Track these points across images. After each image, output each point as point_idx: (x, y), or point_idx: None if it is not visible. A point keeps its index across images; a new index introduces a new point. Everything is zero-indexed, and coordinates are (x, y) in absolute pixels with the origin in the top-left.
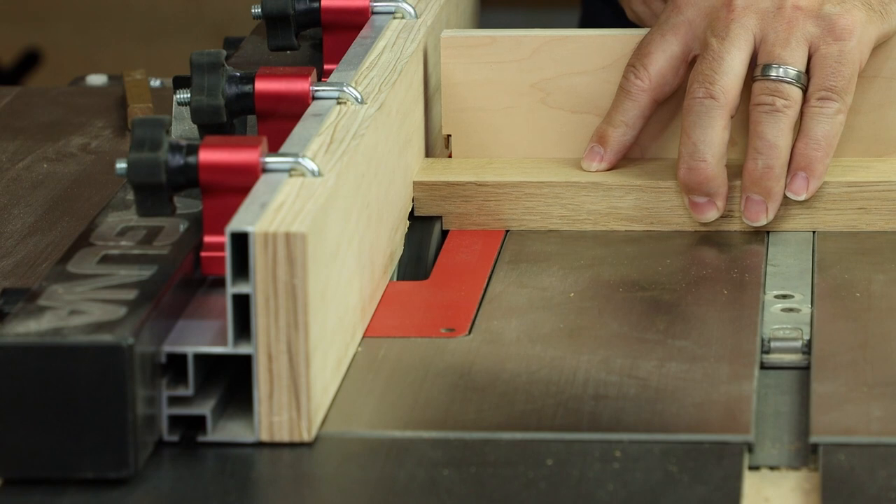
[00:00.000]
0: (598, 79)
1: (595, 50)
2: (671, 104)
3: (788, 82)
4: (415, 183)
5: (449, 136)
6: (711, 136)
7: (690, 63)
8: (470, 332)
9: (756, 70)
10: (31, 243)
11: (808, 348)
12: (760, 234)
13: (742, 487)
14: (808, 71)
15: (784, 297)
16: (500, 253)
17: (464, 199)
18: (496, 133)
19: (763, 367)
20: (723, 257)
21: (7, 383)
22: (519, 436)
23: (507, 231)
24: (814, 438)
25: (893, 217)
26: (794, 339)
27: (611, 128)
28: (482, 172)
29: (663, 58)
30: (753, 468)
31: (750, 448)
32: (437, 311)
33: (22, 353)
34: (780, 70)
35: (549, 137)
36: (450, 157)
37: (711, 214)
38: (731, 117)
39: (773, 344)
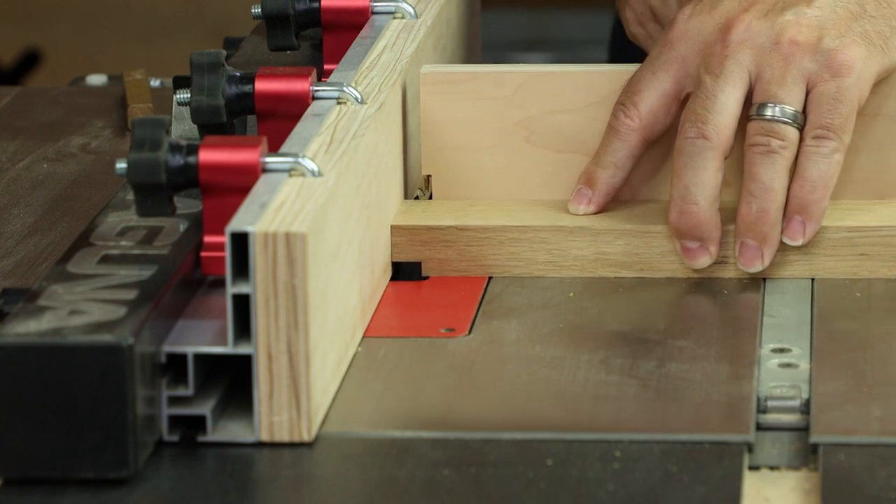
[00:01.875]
0: (585, 116)
1: (582, 86)
2: (663, 144)
3: (784, 122)
4: (392, 227)
5: (429, 176)
6: (704, 179)
7: (683, 101)
8: (470, 332)
9: (751, 109)
10: (31, 243)
11: (806, 408)
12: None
13: (742, 487)
14: (805, 109)
15: (781, 350)
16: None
17: (444, 244)
18: (478, 173)
19: (760, 428)
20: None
21: (7, 383)
22: (519, 436)
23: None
24: (814, 438)
25: None
26: (793, 399)
27: (599, 169)
28: (464, 216)
29: (654, 96)
30: (753, 468)
31: (750, 448)
32: (437, 311)
33: (22, 353)
34: (776, 109)
35: (533, 178)
36: (430, 198)
37: (704, 261)
38: (725, 158)
39: (769, 403)
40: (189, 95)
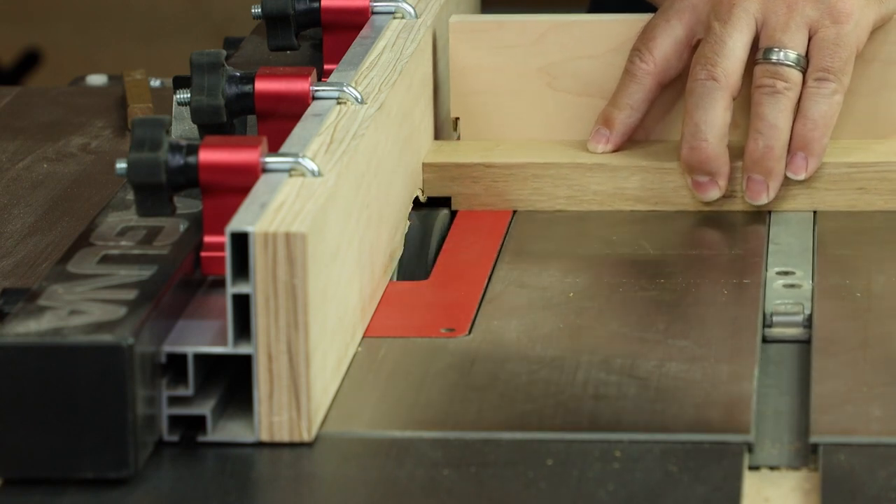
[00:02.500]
0: (604, 63)
1: (601, 34)
2: (675, 88)
3: (788, 65)
4: (424, 164)
5: (457, 118)
6: (713, 117)
7: (694, 47)
8: (470, 332)
9: (758, 53)
10: (31, 243)
11: (808, 322)
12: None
13: (742, 487)
14: (807, 54)
15: (786, 273)
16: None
17: (472, 180)
18: (503, 116)
19: (765, 340)
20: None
21: (7, 383)
22: (519, 436)
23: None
24: (814, 438)
25: (892, 196)
26: (796, 314)
27: (616, 110)
28: (490, 154)
29: (668, 42)
30: (753, 468)
31: (750, 448)
32: (437, 311)
33: (22, 353)
34: (781, 53)
35: (555, 120)
36: (458, 139)
37: (713, 193)
38: (734, 99)
39: (775, 318)
40: (189, 95)
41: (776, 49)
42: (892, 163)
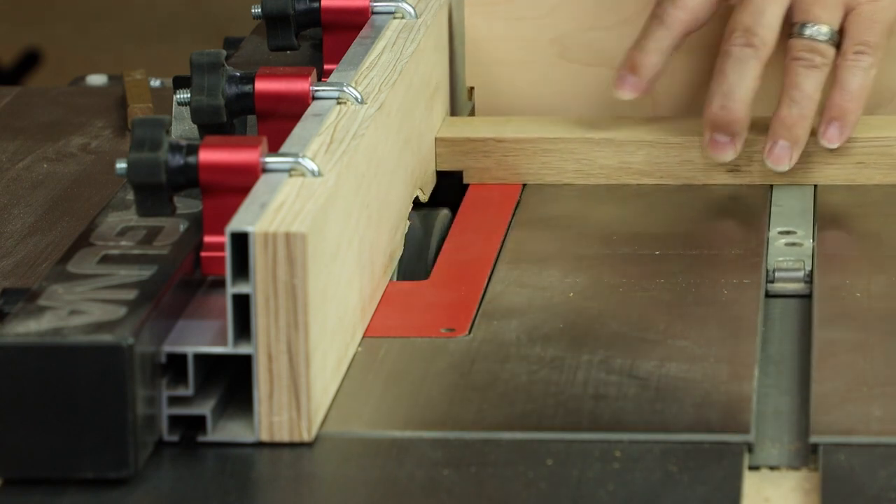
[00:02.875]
0: (615, 34)
1: (612, 6)
2: (690, 63)
3: (824, 41)
4: (437, 139)
5: (472, 88)
6: (746, 81)
7: (722, 1)
8: (470, 332)
9: (794, 27)
10: (31, 243)
11: (809, 278)
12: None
13: (742, 487)
14: (842, 28)
15: (787, 233)
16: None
17: (483, 154)
18: (517, 85)
19: (768, 295)
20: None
21: (7, 383)
22: (519, 436)
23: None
24: (814, 438)
25: (890, 171)
26: (797, 270)
27: (643, 54)
28: (501, 129)
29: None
30: (753, 468)
31: (750, 448)
32: (437, 311)
33: (22, 353)
34: (814, 28)
35: (566, 90)
36: (473, 109)
37: (728, 155)
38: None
39: (777, 274)
40: (189, 95)
41: (812, 24)
42: (892, 137)
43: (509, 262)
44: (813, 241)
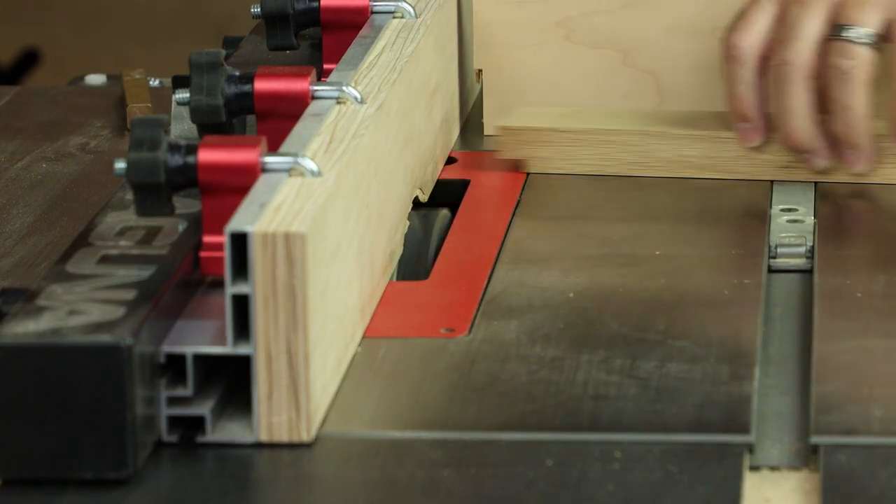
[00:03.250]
0: (619, 17)
1: None
2: (692, 46)
3: (861, 43)
4: (501, 128)
5: (480, 70)
6: (797, 103)
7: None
8: (470, 332)
9: (830, 31)
10: (30, 243)
11: (811, 253)
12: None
13: (742, 488)
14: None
15: (789, 210)
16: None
17: (544, 145)
18: (524, 68)
19: (771, 270)
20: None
21: (6, 383)
22: (519, 436)
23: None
24: (814, 439)
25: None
26: (799, 245)
27: (736, 100)
28: (562, 121)
29: (763, 24)
30: (754, 468)
31: (750, 448)
32: (437, 311)
33: (21, 354)
34: (852, 31)
35: (572, 72)
36: (481, 91)
37: (820, 164)
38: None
39: (779, 249)
40: (188, 95)
41: (847, 26)
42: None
43: (509, 262)
44: (814, 217)
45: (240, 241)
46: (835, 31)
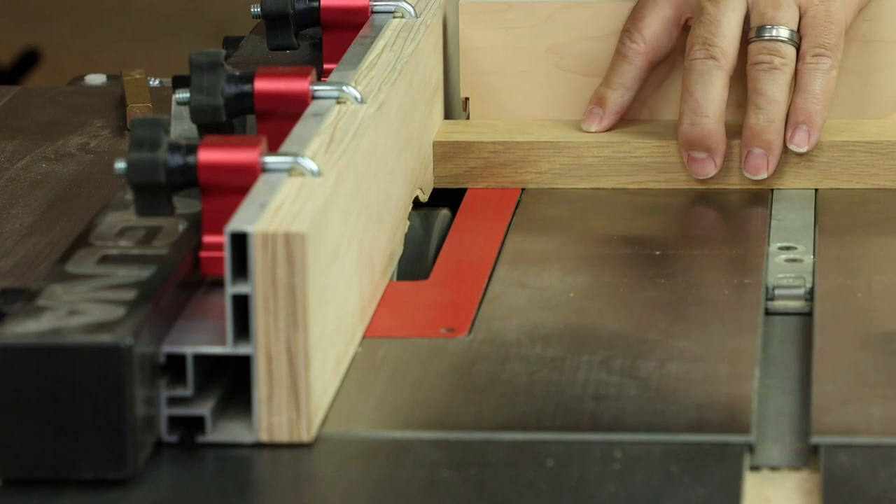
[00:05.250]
0: (609, 43)
1: (606, 16)
2: (673, 69)
3: (783, 41)
4: (435, 143)
5: (467, 98)
6: (712, 94)
7: (682, 26)
8: (470, 332)
9: (751, 32)
10: (30, 243)
11: (810, 295)
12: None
13: (743, 488)
14: (799, 31)
15: (788, 248)
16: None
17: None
18: (512, 95)
19: (768, 312)
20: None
21: (6, 384)
22: (519, 436)
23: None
24: (815, 439)
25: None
26: (798, 287)
27: (609, 90)
28: (498, 133)
29: (657, 21)
30: (754, 469)
31: (751, 448)
32: (437, 311)
33: (21, 354)
34: (774, 30)
35: (561, 99)
36: (467, 118)
37: (709, 170)
38: (729, 77)
39: (777, 291)
40: (188, 95)
41: (769, 26)
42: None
43: (509, 262)
44: (814, 256)
45: (240, 241)
46: (758, 31)
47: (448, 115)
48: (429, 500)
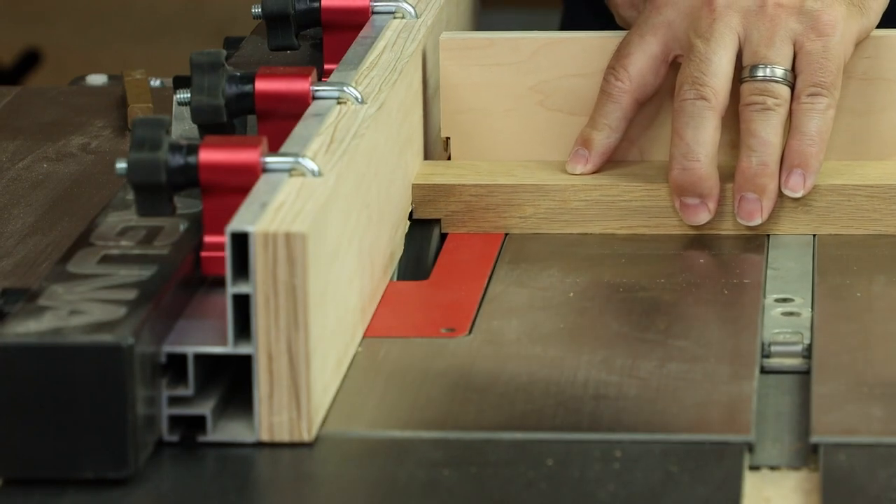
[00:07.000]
0: (596, 81)
1: (593, 52)
2: (664, 107)
3: (777, 81)
4: (414, 185)
5: (448, 138)
6: (704, 137)
7: (671, 63)
8: (470, 332)
9: (743, 71)
10: (31, 243)
11: (808, 352)
12: (760, 238)
13: (742, 487)
14: (793, 68)
15: (784, 300)
16: (499, 254)
17: (461, 202)
18: (495, 135)
19: (763, 371)
20: (722, 260)
21: (7, 383)
22: (519, 436)
23: (507, 234)
24: (814, 438)
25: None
26: (795, 344)
27: (594, 131)
28: (482, 175)
29: (643, 58)
30: (754, 468)
31: (750, 448)
32: (437, 311)
33: (22, 353)
34: (768, 70)
35: (547, 139)
36: (448, 159)
37: (703, 217)
38: (721, 117)
39: (773, 348)
40: (189, 95)
41: (762, 65)
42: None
43: (509, 262)
44: (812, 310)
45: (241, 241)
46: (750, 71)
47: (427, 155)
48: (429, 499)
